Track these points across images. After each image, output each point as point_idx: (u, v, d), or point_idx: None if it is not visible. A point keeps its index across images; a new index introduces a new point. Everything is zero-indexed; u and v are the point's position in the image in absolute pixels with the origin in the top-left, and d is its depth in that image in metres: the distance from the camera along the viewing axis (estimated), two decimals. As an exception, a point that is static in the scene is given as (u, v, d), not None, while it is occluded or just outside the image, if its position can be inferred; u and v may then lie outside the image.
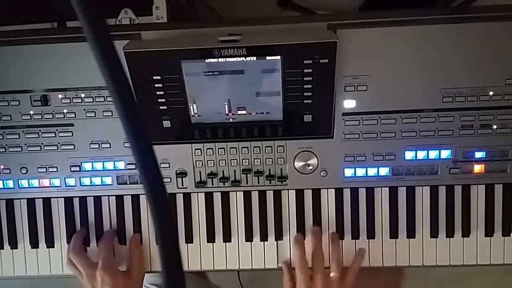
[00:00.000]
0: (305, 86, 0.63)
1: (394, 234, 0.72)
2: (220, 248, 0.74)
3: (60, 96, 0.69)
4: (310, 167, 0.70)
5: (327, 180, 0.71)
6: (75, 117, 0.70)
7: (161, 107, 0.65)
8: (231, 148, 0.70)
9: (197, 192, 0.73)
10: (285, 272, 0.72)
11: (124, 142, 0.71)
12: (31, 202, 0.74)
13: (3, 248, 0.76)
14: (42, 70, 0.68)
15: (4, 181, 0.73)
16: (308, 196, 0.72)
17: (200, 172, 0.72)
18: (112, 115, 0.69)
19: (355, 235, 0.72)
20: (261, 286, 1.24)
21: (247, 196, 0.73)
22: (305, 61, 0.61)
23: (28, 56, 0.67)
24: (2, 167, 0.73)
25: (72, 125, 0.70)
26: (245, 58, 0.61)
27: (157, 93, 0.64)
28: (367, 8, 0.90)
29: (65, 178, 0.73)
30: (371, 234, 0.72)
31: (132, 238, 0.74)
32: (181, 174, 0.72)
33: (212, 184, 0.72)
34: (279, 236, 0.73)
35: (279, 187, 0.72)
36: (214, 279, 1.09)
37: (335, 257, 0.70)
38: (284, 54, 0.60)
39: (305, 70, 0.62)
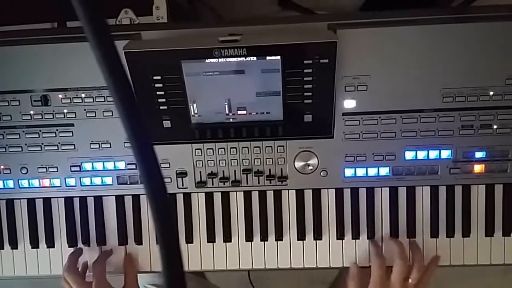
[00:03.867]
0: (305, 86, 0.63)
1: (394, 234, 0.72)
2: (220, 248, 0.74)
3: (60, 96, 0.69)
4: (310, 167, 0.70)
5: (327, 180, 0.71)
6: (76, 117, 0.70)
7: (161, 107, 0.65)
8: (231, 148, 0.70)
9: (197, 192, 0.73)
10: (353, 273, 0.70)
11: (124, 142, 0.71)
12: (31, 202, 0.74)
13: (3, 248, 0.76)
14: (42, 70, 0.68)
15: (4, 181, 0.73)
16: (308, 196, 0.72)
17: (200, 172, 0.72)
18: (112, 115, 0.69)
19: (355, 235, 0.72)
20: (262, 286, 1.24)
21: (247, 196, 0.73)
22: (305, 61, 0.61)
23: (28, 56, 0.67)
24: (2, 167, 0.73)
25: (72, 125, 0.70)
26: (245, 58, 0.61)
27: (157, 93, 0.64)
28: (367, 8, 0.90)
29: (65, 178, 0.73)
30: (371, 234, 0.72)
31: (125, 258, 0.74)
32: (181, 174, 0.72)
33: (212, 184, 0.72)
34: (279, 236, 0.73)
35: (279, 187, 0.72)
36: (219, 278, 1.08)
37: (418, 265, 0.68)
38: (284, 54, 0.60)
39: (305, 70, 0.62)
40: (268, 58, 0.61)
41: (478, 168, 0.69)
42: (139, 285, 0.74)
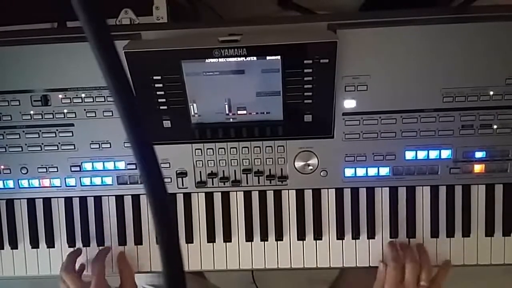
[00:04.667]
0: (305, 86, 0.63)
1: (394, 234, 0.72)
2: (220, 248, 0.74)
3: (60, 96, 0.69)
4: (310, 167, 0.70)
5: (328, 180, 0.71)
6: (76, 117, 0.70)
7: (161, 107, 0.65)
8: (231, 148, 0.70)
9: (198, 192, 0.73)
10: (381, 271, 0.70)
11: (124, 142, 0.71)
12: (31, 202, 0.74)
13: (3, 248, 0.76)
14: (42, 70, 0.68)
15: (4, 181, 0.73)
16: (308, 196, 0.72)
17: (200, 172, 0.72)
18: (112, 115, 0.69)
19: (356, 235, 0.72)
20: (262, 286, 1.24)
21: (248, 196, 0.73)
22: (305, 61, 0.61)
23: (28, 56, 0.67)
24: (2, 167, 0.73)
25: (72, 125, 0.70)
26: (245, 58, 0.61)
27: (157, 93, 0.64)
28: (367, 8, 0.90)
29: (65, 178, 0.73)
30: (371, 234, 0.72)
31: (119, 258, 0.73)
32: (182, 174, 0.72)
33: (213, 184, 0.72)
34: (279, 236, 0.73)
35: (279, 187, 0.72)
36: (219, 278, 1.08)
37: (427, 267, 0.68)
38: (284, 54, 0.60)
39: (305, 70, 0.62)
40: (268, 58, 0.61)
41: (478, 168, 0.69)
42: (136, 284, 0.74)
